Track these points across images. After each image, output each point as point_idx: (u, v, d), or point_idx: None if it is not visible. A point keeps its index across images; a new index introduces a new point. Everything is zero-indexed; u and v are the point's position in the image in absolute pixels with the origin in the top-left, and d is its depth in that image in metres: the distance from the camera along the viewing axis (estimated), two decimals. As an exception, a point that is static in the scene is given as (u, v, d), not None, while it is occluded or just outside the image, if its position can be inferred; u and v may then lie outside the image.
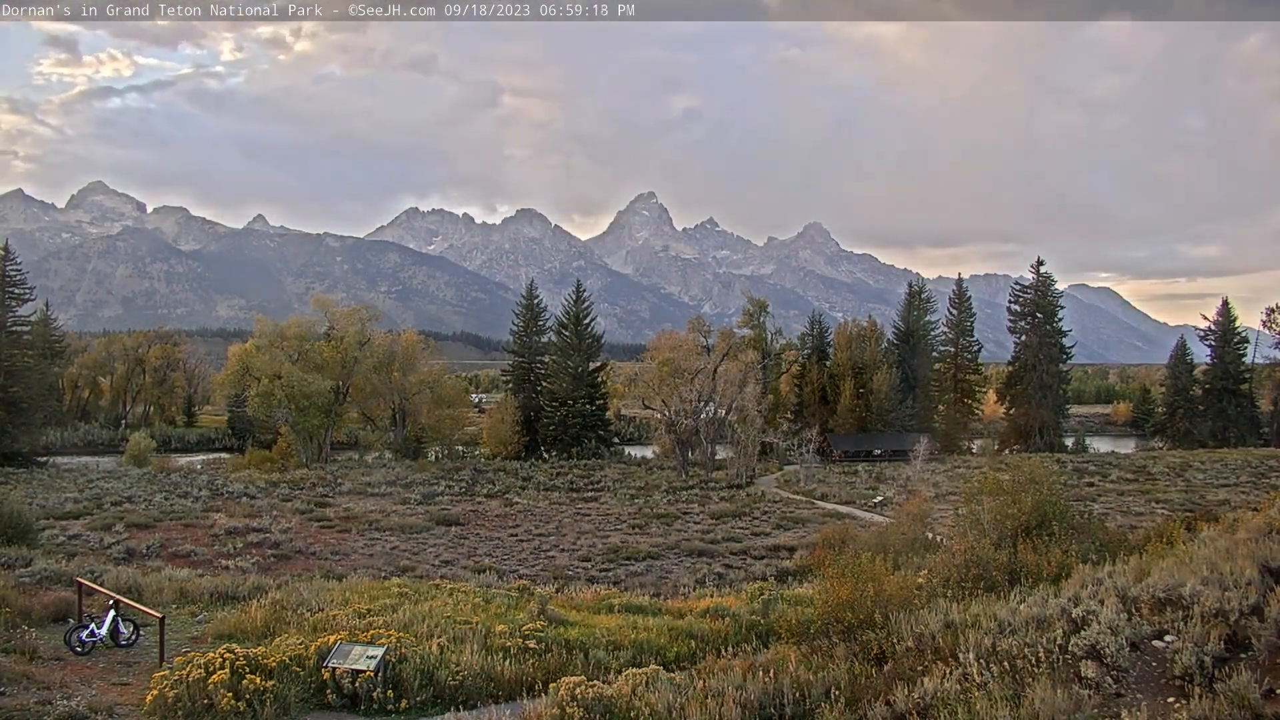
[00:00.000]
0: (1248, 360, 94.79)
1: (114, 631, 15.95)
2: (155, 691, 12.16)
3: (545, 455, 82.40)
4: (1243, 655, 9.50)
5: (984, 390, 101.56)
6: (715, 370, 66.68)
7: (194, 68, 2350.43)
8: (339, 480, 56.84)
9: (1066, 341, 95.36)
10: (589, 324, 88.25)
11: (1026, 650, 10.85)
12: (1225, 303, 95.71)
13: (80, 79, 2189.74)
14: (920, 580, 17.47)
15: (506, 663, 14.49)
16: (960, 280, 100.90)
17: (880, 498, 50.62)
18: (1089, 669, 9.88)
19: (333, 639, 14.21)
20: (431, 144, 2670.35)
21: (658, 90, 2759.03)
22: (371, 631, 14.84)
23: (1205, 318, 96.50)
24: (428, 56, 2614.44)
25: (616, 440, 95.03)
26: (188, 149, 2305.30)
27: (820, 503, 50.55)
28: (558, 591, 22.36)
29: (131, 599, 17.73)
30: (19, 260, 77.92)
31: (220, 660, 12.52)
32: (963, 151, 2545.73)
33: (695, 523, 42.21)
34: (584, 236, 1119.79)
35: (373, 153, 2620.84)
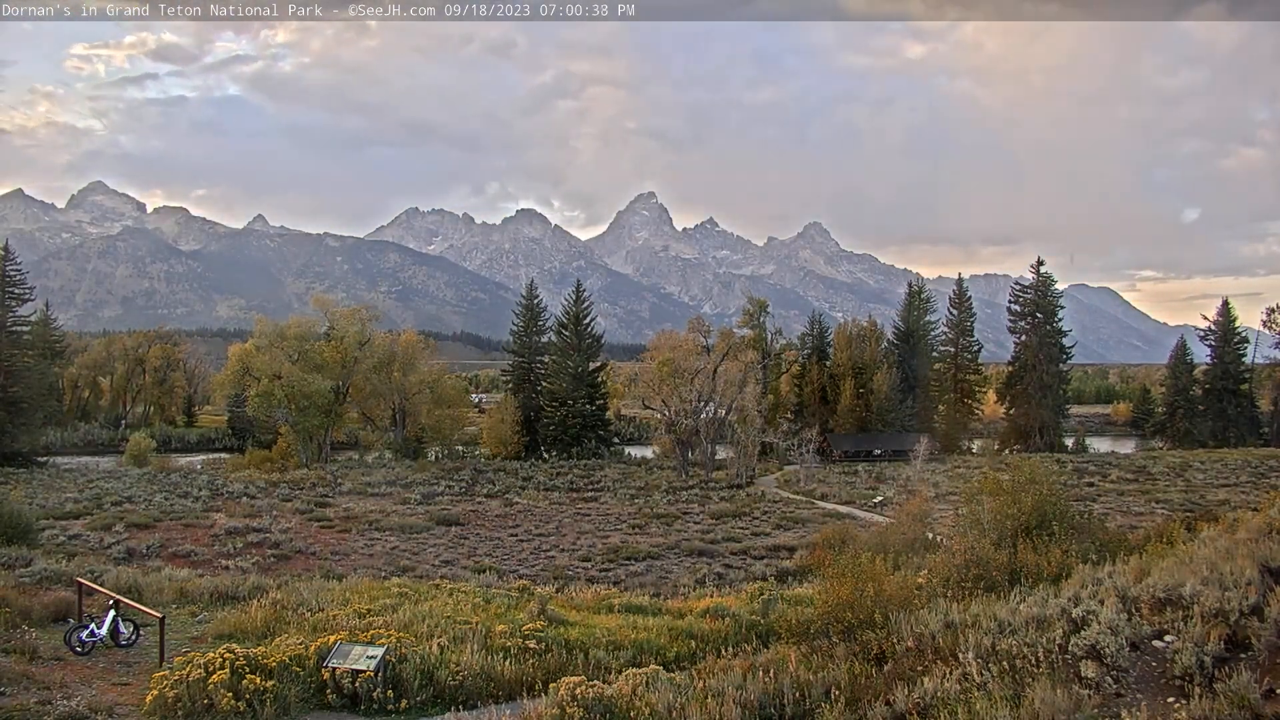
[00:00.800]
0: (1248, 360, 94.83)
1: (114, 631, 15.95)
2: (155, 691, 12.16)
3: (545, 455, 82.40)
4: (1243, 655, 9.49)
5: (984, 390, 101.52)
6: (715, 370, 66.67)
7: (258, 52, 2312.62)
8: (339, 480, 56.84)
9: (1066, 341, 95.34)
10: (589, 324, 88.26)
11: (1026, 650, 10.84)
12: (1225, 303, 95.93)
13: (124, 64, 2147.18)
14: (920, 580, 17.48)
15: (506, 663, 14.49)
16: (960, 280, 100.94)
17: (880, 498, 50.63)
18: (1089, 669, 9.88)
19: (333, 639, 14.21)
20: (500, 133, 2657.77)
21: (735, 85, 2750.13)
22: (371, 631, 14.85)
23: (1205, 318, 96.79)
24: (506, 42, 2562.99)
25: (616, 440, 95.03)
26: (237, 140, 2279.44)
27: (820, 503, 50.55)
28: (558, 591, 22.36)
29: (131, 599, 17.73)
30: (19, 260, 78.02)
31: (220, 660, 12.53)
32: (1033, 149, 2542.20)
33: (695, 523, 42.21)
34: (583, 236, 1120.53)
35: (437, 141, 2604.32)
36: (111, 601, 16.21)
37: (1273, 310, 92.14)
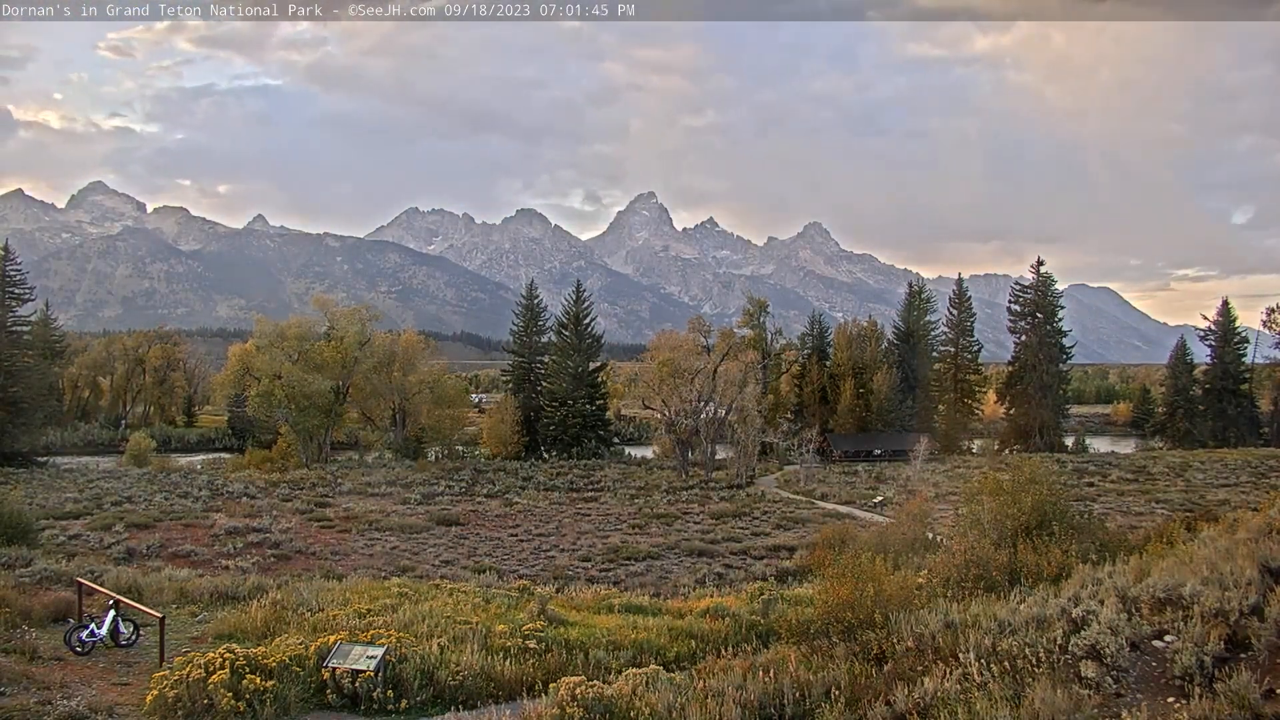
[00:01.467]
0: (1248, 360, 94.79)
1: (114, 631, 15.94)
2: (155, 691, 12.16)
3: (545, 455, 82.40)
4: (1243, 655, 9.49)
5: (984, 390, 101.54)
6: (715, 370, 66.65)
7: (316, 39, 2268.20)
8: (339, 480, 56.82)
9: (1066, 341, 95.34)
10: (589, 324, 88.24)
11: (1026, 650, 10.85)
12: (1225, 303, 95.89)
13: (163, 52, 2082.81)
14: (920, 580, 17.48)
15: (506, 663, 14.49)
16: (960, 280, 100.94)
17: (880, 498, 50.61)
18: (1089, 669, 9.88)
19: (333, 639, 14.20)
20: (558, 125, 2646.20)
21: (802, 79, 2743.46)
22: (371, 631, 14.84)
23: (1205, 318, 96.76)
24: (575, 32, 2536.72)
25: (616, 440, 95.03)
26: (283, 132, 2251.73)
27: (820, 503, 50.54)
28: (558, 591, 22.35)
29: (131, 599, 17.72)
30: (19, 260, 77.95)
31: (220, 660, 12.52)
32: (1093, 144, 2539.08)
33: (695, 523, 42.19)
34: (589, 235, 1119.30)
35: (492, 133, 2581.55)
36: (111, 601, 16.20)
37: (1273, 310, 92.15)
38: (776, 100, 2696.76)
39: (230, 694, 12.07)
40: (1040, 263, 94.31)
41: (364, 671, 13.16)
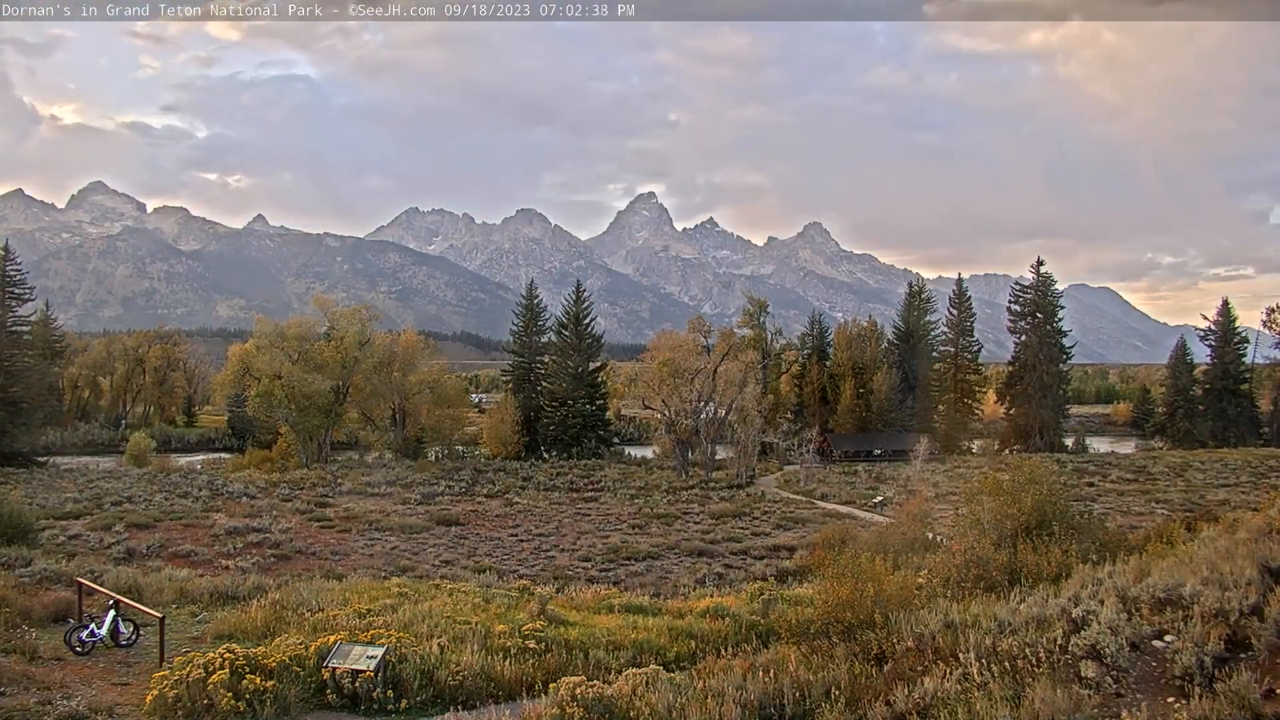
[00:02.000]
0: (1248, 360, 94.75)
1: (114, 631, 15.94)
2: (155, 691, 12.16)
3: (545, 455, 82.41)
4: (1243, 655, 9.49)
5: (984, 390, 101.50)
6: (715, 370, 66.65)
7: (362, 27, 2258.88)
8: (339, 480, 56.81)
9: (1066, 341, 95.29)
10: (589, 324, 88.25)
11: (1026, 650, 10.85)
12: (1225, 303, 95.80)
13: (193, 42, 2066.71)
14: (920, 580, 17.49)
15: (506, 663, 14.49)
16: (960, 280, 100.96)
17: (880, 498, 50.59)
18: (1089, 669, 9.88)
19: (333, 639, 14.20)
20: (603, 120, 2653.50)
21: (850, 74, 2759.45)
22: (371, 631, 14.84)
23: (1205, 318, 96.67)
24: (623, 25, 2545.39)
25: (616, 440, 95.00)
26: (322, 128, 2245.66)
27: (820, 503, 50.53)
28: (558, 591, 22.35)
29: (131, 599, 17.72)
30: (19, 260, 78.02)
31: (220, 660, 12.52)
32: (1139, 141, 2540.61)
33: (695, 523, 42.18)
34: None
35: (542, 125, 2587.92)
36: (111, 601, 16.20)
37: (1273, 310, 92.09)
38: (826, 94, 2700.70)
39: (230, 694, 12.07)
40: (1040, 263, 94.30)
41: (364, 671, 13.16)
